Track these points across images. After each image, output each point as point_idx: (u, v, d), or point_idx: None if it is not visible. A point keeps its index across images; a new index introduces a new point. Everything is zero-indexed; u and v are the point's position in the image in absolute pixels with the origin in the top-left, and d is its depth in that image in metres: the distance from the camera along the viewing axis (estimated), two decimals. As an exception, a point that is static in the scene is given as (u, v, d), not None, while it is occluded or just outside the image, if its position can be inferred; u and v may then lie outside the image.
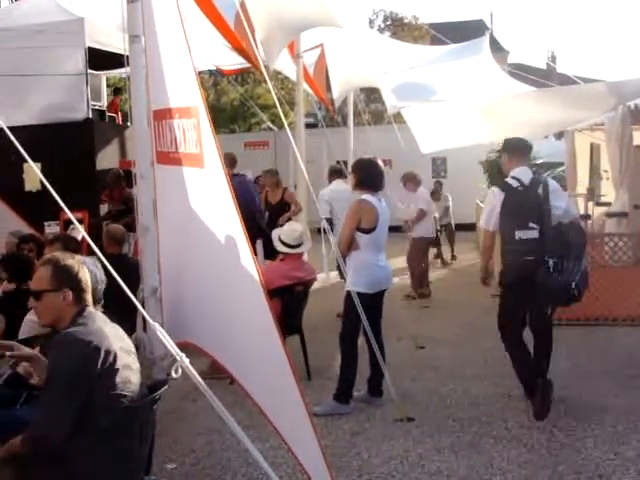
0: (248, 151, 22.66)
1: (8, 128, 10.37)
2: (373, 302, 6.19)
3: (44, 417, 3.30)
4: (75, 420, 3.24)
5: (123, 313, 3.85)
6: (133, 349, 3.65)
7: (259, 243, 9.99)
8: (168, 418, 5.83)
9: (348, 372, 6.17)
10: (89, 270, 3.72)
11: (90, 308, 3.60)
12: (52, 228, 11.73)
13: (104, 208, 11.80)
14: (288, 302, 6.96)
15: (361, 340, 6.30)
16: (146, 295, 6.17)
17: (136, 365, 3.58)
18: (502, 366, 6.71)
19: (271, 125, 23.56)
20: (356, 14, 13.65)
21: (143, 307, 6.42)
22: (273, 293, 6.88)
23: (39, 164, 12.33)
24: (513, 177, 6.13)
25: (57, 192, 11.44)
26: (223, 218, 4.74)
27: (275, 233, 7.55)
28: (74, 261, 3.66)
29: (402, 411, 5.96)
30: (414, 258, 11.79)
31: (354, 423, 5.91)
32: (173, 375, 3.57)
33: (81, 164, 11.97)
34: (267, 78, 6.63)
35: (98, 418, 3.29)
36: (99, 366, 3.29)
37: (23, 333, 5.41)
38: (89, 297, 3.63)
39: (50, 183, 11.74)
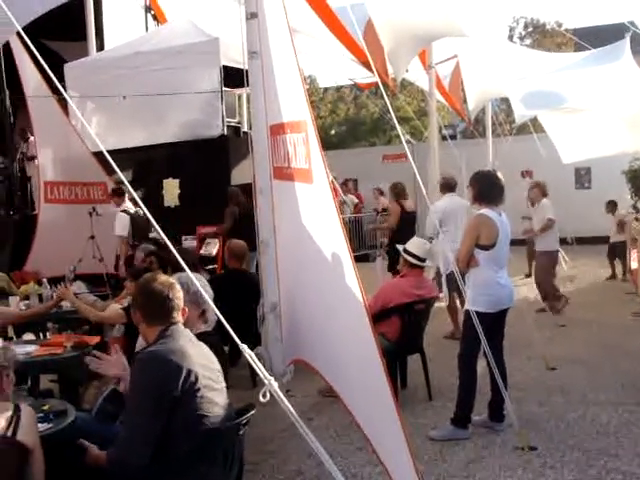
0: (386, 164, 22.56)
1: (151, 146, 10.71)
2: (494, 322, 5.90)
3: (126, 439, 3.30)
4: (156, 442, 3.22)
5: (243, 327, 3.77)
6: (218, 367, 3.60)
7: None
8: (280, 437, 5.77)
9: (466, 395, 5.90)
10: (189, 287, 3.73)
11: (176, 326, 3.57)
12: (189, 242, 12.06)
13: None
14: (408, 320, 6.76)
15: (484, 361, 6.04)
16: (266, 310, 6.19)
17: (220, 385, 3.51)
18: (640, 392, 6.24)
19: (408, 137, 23.38)
20: (493, 23, 13.34)
21: (262, 323, 6.53)
22: (392, 311, 6.75)
23: (177, 180, 12.84)
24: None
25: (194, 207, 11.76)
26: (329, 235, 4.63)
27: (399, 246, 7.41)
28: (154, 282, 3.64)
29: (524, 439, 5.62)
30: (541, 273, 11.25)
31: (471, 450, 5.62)
32: (261, 399, 3.47)
33: (217, 180, 12.25)
34: (383, 91, 6.49)
35: (179, 441, 3.25)
36: (180, 386, 3.25)
37: (139, 346, 5.48)
38: (176, 315, 3.60)
39: (187, 199, 12.10)
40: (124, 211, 11.16)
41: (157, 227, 3.78)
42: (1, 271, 9.63)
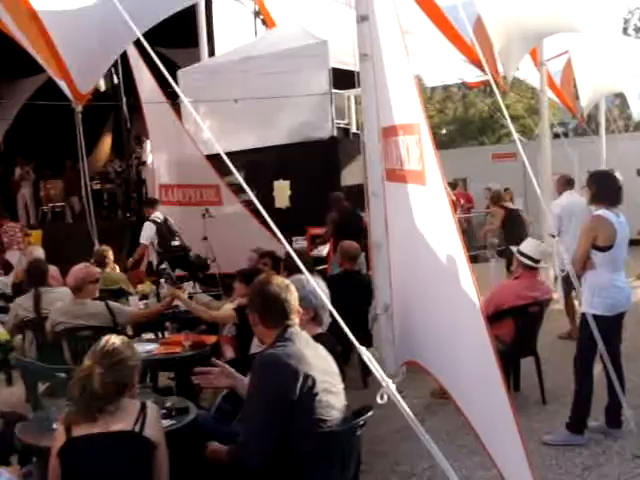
0: (496, 163, 22.22)
1: (260, 148, 10.93)
2: (611, 325, 5.75)
3: (245, 440, 3.38)
4: (274, 443, 3.29)
5: (356, 328, 3.80)
6: (336, 369, 3.64)
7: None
8: (393, 438, 5.78)
9: (582, 400, 5.76)
10: (299, 290, 3.76)
11: (293, 328, 3.60)
12: (299, 243, 12.20)
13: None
14: (522, 323, 6.66)
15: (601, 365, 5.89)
16: (378, 312, 6.23)
17: (338, 387, 3.55)
18: None
19: (519, 136, 22.97)
20: (606, 15, 12.96)
21: (374, 323, 6.57)
22: (506, 313, 6.67)
23: (288, 182, 13.02)
24: None
25: (304, 209, 11.90)
26: (443, 236, 4.62)
27: (513, 248, 7.30)
28: (270, 284, 3.70)
29: (643, 446, 5.47)
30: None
31: (587, 456, 5.47)
32: (379, 401, 3.50)
33: (327, 181, 12.34)
34: (495, 90, 6.43)
35: (297, 443, 3.31)
36: (297, 391, 3.30)
37: (254, 347, 5.59)
38: (293, 317, 3.64)
39: (298, 200, 12.25)
40: (152, 220, 11.53)
41: (275, 228, 3.84)
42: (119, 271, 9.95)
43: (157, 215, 11.68)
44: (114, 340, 3.38)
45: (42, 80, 15.75)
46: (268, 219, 3.80)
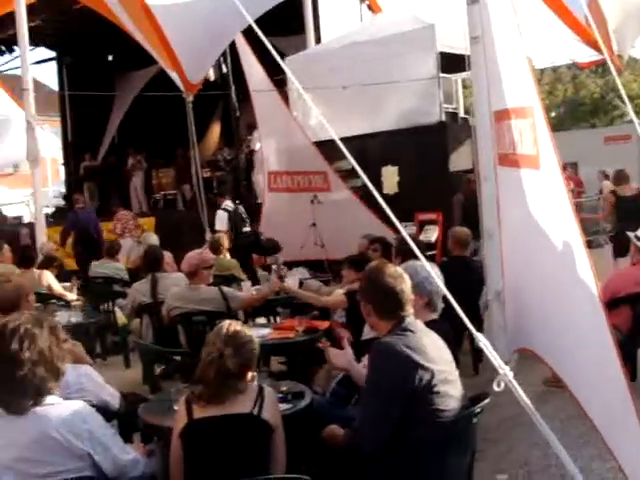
0: (609, 146, 21.51)
1: (367, 134, 10.93)
2: None
3: (360, 427, 3.41)
4: (391, 431, 3.30)
5: (467, 314, 3.78)
6: (451, 357, 3.61)
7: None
8: (505, 425, 5.71)
9: None
10: (413, 277, 3.75)
11: (409, 318, 3.58)
12: (408, 229, 12.15)
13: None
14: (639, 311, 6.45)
15: None
16: (490, 298, 6.15)
17: (454, 375, 3.53)
18: None
19: (635, 117, 22.18)
20: None
21: (486, 310, 6.49)
22: (622, 301, 6.46)
23: (396, 168, 12.96)
24: None
25: (412, 194, 11.82)
26: (559, 221, 4.52)
27: (630, 233, 7.07)
28: (383, 274, 3.68)
29: None
30: None
31: None
32: (495, 388, 3.46)
33: (435, 166, 12.25)
34: (612, 69, 6.23)
35: (415, 432, 3.31)
36: (416, 382, 3.30)
37: (366, 334, 5.61)
38: (408, 307, 3.62)
39: (406, 186, 12.19)
40: (224, 209, 12.25)
41: (390, 213, 3.83)
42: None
43: (228, 204, 12.41)
44: (235, 324, 3.46)
45: (154, 72, 16.23)
46: (384, 204, 3.79)
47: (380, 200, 3.76)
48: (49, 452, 2.98)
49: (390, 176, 12.86)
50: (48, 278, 8.84)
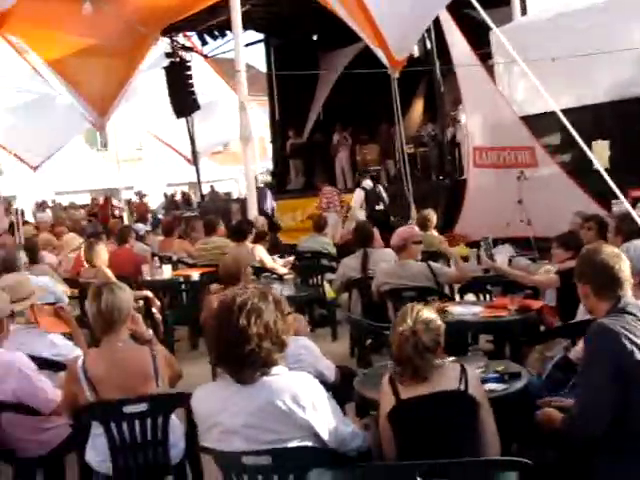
0: None
1: (578, 107, 10.45)
2: None
3: (582, 410, 3.34)
4: (611, 414, 3.22)
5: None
6: None
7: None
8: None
9: None
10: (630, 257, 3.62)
11: (627, 299, 3.45)
12: (619, 206, 11.62)
13: None
14: None
15: None
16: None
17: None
18: None
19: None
20: None
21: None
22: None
23: (607, 142, 12.42)
24: None
25: (624, 169, 11.24)
26: None
27: None
28: (600, 254, 3.55)
29: None
30: None
31: None
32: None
33: (648, 140, 11.64)
34: None
35: (635, 416, 3.22)
36: (633, 366, 3.19)
37: (580, 314, 5.43)
38: (627, 287, 3.47)
39: (618, 161, 11.62)
40: (362, 188, 13.23)
41: (617, 190, 3.70)
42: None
43: (367, 182, 13.36)
44: (417, 306, 3.48)
45: (358, 49, 16.45)
46: (610, 182, 3.67)
47: (604, 173, 3.63)
48: (273, 420, 3.11)
49: (601, 151, 12.31)
50: (260, 252, 9.18)
